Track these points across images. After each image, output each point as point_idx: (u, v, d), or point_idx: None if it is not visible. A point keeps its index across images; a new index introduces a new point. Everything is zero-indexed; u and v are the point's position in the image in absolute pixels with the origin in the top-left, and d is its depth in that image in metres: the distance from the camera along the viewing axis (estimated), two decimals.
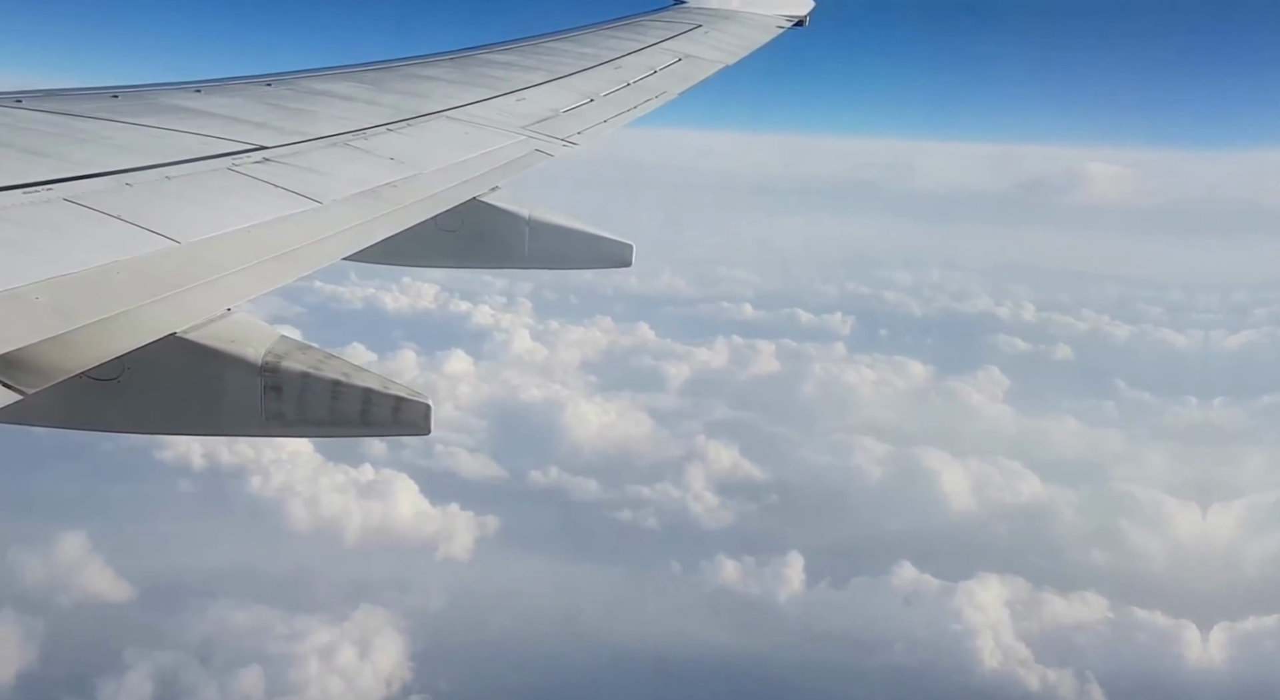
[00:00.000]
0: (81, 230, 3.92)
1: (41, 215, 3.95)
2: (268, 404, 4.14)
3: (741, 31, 13.34)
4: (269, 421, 4.16)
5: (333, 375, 4.20)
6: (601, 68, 10.26)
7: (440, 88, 8.29)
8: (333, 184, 5.34)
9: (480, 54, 10.14)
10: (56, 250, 3.67)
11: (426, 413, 4.24)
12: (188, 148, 5.23)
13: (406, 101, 7.55)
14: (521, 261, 7.13)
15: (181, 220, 4.27)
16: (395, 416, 4.24)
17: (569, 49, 10.89)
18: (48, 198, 4.08)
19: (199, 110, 6.19)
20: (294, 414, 4.18)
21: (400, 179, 5.81)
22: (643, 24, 12.82)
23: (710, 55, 11.76)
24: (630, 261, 7.39)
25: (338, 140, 6.16)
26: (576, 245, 7.30)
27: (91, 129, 5.28)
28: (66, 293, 3.41)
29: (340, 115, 6.78)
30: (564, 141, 7.73)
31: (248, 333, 4.15)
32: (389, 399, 4.23)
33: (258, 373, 4.09)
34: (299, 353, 4.21)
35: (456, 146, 6.87)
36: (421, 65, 9.22)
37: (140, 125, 5.54)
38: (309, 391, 4.17)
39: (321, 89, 7.51)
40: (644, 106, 9.45)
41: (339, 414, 4.21)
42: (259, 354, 4.10)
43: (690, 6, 14.12)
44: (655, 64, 10.77)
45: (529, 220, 7.03)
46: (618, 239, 7.37)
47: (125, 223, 4.07)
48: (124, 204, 4.25)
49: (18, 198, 4.01)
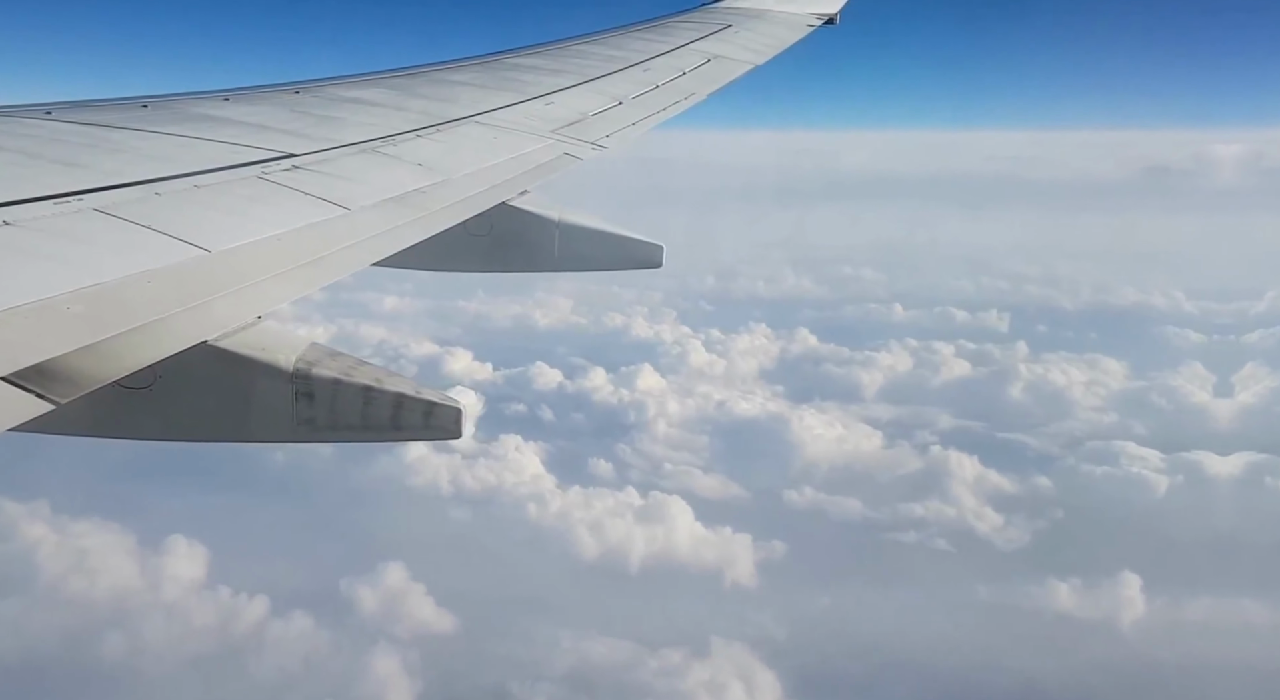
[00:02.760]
0: (112, 240, 3.94)
1: (72, 226, 3.97)
2: (299, 410, 4.15)
3: (771, 30, 13.27)
4: (300, 427, 4.17)
5: (364, 381, 4.20)
6: (630, 70, 10.22)
7: (468, 92, 8.29)
8: (361, 190, 5.34)
9: (508, 58, 10.14)
10: (88, 260, 3.69)
11: (458, 417, 4.24)
12: (216, 156, 5.25)
13: (434, 107, 7.55)
14: (551, 264, 7.13)
15: (211, 229, 4.28)
16: (427, 421, 4.24)
17: (597, 52, 10.87)
18: (78, 208, 4.10)
19: (227, 119, 6.22)
20: (325, 420, 4.19)
21: (429, 184, 5.80)
22: (672, 25, 12.78)
23: (740, 55, 11.70)
24: (661, 262, 7.36)
25: (366, 147, 6.16)
26: (606, 247, 7.29)
27: (121, 139, 5.30)
28: (98, 302, 3.42)
29: (368, 122, 6.79)
30: (593, 145, 7.70)
31: (278, 340, 4.16)
32: (421, 404, 4.22)
33: (289, 379, 4.10)
34: (330, 359, 4.22)
35: (485, 151, 6.86)
36: (449, 70, 9.22)
37: (169, 135, 5.57)
38: (340, 397, 4.17)
39: (349, 96, 7.53)
40: (673, 108, 9.40)
41: (370, 419, 4.21)
42: (290, 361, 4.11)
43: (719, 6, 14.07)
44: (684, 65, 10.72)
45: (559, 223, 7.02)
46: (648, 240, 7.34)
47: (155, 232, 4.08)
48: (154, 213, 4.26)
49: (49, 208, 4.03)
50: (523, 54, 10.43)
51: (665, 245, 7.36)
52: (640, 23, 12.81)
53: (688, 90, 9.92)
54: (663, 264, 7.35)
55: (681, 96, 9.71)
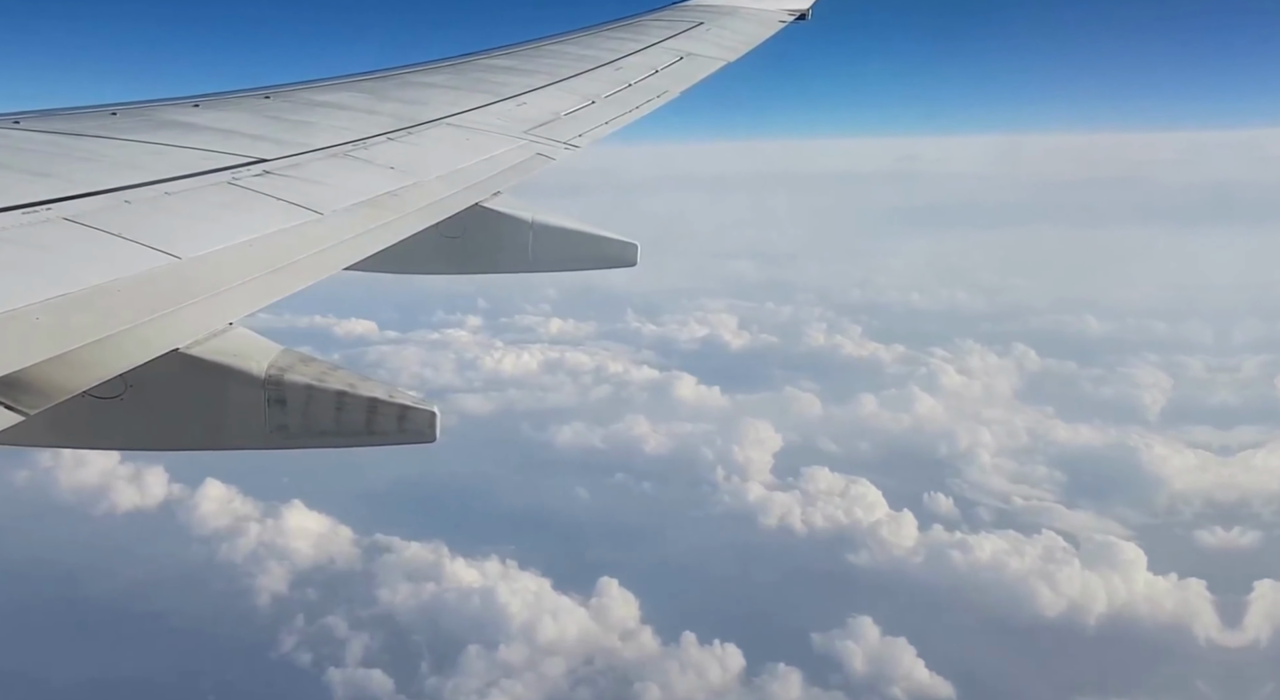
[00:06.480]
0: (81, 249, 3.92)
1: (41, 235, 3.95)
2: (272, 417, 4.14)
3: (743, 27, 13.29)
4: (273, 434, 4.17)
5: (337, 386, 4.20)
6: (602, 69, 10.23)
7: (439, 95, 8.28)
8: (333, 194, 5.33)
9: (479, 59, 10.13)
10: (56, 270, 3.67)
11: (432, 420, 4.24)
12: (187, 163, 5.23)
13: (406, 110, 7.54)
14: (526, 265, 7.12)
15: (182, 236, 4.27)
16: (401, 425, 4.24)
17: (569, 51, 10.86)
18: (47, 217, 4.08)
19: (197, 125, 6.20)
20: (299, 426, 4.18)
21: (401, 187, 5.79)
22: (643, 23, 12.78)
23: (712, 53, 11.72)
24: (635, 261, 7.36)
25: (337, 151, 6.15)
26: (580, 247, 7.28)
27: (90, 147, 5.28)
28: (67, 312, 3.40)
29: (339, 125, 6.78)
30: (566, 145, 7.71)
31: (250, 346, 4.16)
32: (394, 408, 4.22)
33: (261, 386, 4.09)
34: (302, 365, 4.21)
35: (457, 153, 6.85)
36: (420, 73, 9.21)
37: (139, 142, 5.54)
38: (314, 403, 4.17)
39: (320, 100, 7.51)
40: (646, 107, 9.41)
41: (344, 424, 4.21)
42: (262, 367, 4.11)
43: (690, 4, 14.08)
44: (656, 64, 10.73)
45: (532, 224, 7.02)
46: (622, 239, 7.34)
47: (125, 240, 4.06)
48: (124, 221, 4.24)
49: (17, 218, 4.01)
50: (494, 55, 10.42)
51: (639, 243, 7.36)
52: (611, 22, 12.81)
53: (660, 88, 9.93)
54: (637, 262, 7.36)
55: (654, 95, 9.71)
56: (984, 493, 72.95)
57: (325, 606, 58.01)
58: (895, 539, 65.65)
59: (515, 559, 62.30)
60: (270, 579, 61.16)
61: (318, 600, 58.98)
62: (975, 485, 73.90)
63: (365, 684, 52.05)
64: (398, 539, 64.51)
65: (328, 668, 53.18)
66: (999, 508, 70.59)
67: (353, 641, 55.03)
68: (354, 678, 52.53)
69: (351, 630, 56.02)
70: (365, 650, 54.35)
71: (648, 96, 9.61)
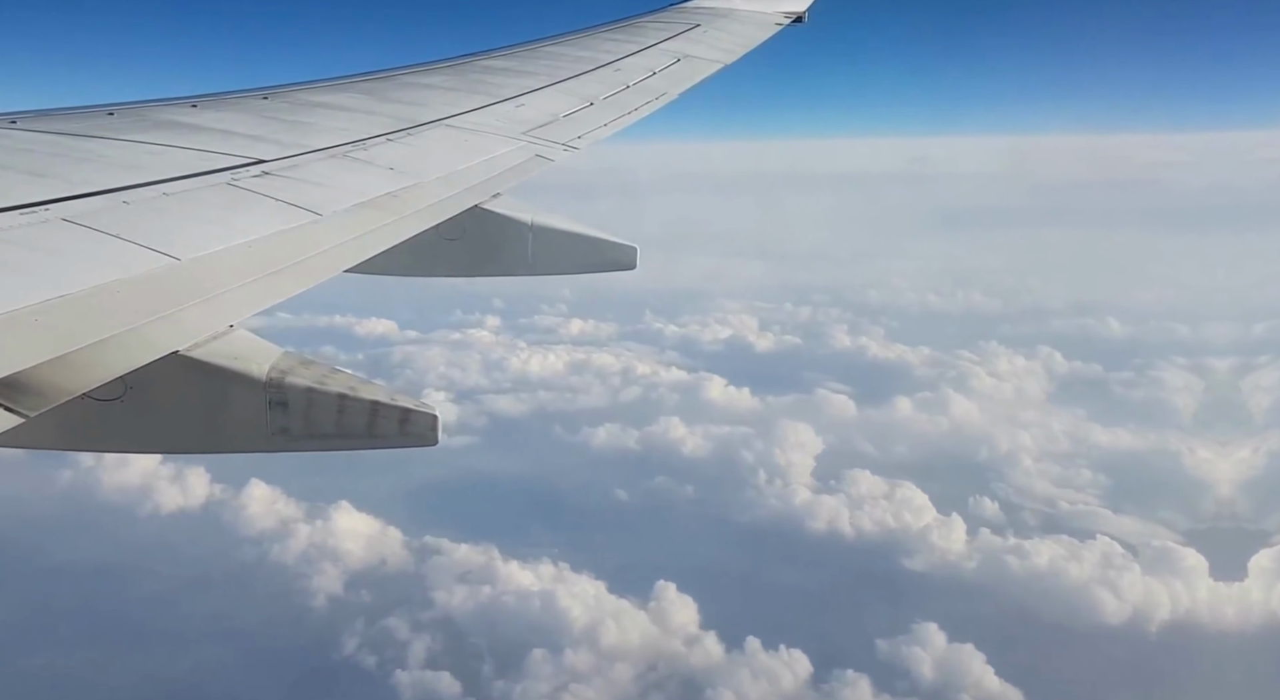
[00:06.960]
0: (80, 250, 3.88)
1: (39, 236, 3.91)
2: (273, 419, 4.11)
3: (740, 29, 13.27)
4: (274, 437, 4.13)
5: (338, 389, 4.17)
6: (600, 71, 10.21)
7: (439, 96, 8.25)
8: (332, 196, 5.30)
9: (478, 60, 10.11)
10: (55, 271, 3.64)
11: (434, 423, 4.21)
12: (185, 164, 5.20)
13: (405, 111, 7.51)
14: (525, 268, 7.09)
15: (181, 237, 4.23)
16: (402, 428, 4.21)
17: (567, 53, 10.84)
18: (45, 218, 4.05)
19: (196, 125, 6.16)
20: (300, 429, 4.15)
21: (400, 189, 5.76)
22: (641, 25, 12.77)
23: (709, 55, 11.71)
24: (634, 264, 7.33)
25: (336, 152, 6.12)
26: (579, 249, 7.26)
27: (88, 148, 5.24)
28: (66, 313, 3.37)
29: (338, 126, 6.74)
30: (564, 146, 7.68)
31: (251, 349, 4.12)
32: (396, 410, 4.19)
33: (262, 388, 4.06)
34: (303, 368, 4.18)
35: (456, 154, 6.82)
36: (419, 74, 9.18)
37: (137, 142, 5.51)
38: (315, 406, 4.14)
39: (319, 101, 7.48)
40: (644, 108, 9.40)
41: (345, 427, 4.18)
42: (263, 370, 4.08)
43: (688, 6, 14.06)
44: (654, 65, 10.71)
45: (531, 226, 6.99)
46: (621, 242, 7.32)
47: (124, 241, 4.03)
48: (122, 222, 4.21)
49: (15, 219, 3.97)
50: (493, 56, 10.40)
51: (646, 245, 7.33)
52: (610, 23, 12.80)
53: (659, 90, 9.91)
54: (636, 266, 7.33)
55: (653, 96, 9.70)
56: (1029, 497, 72.77)
57: (383, 609, 58.02)
58: (947, 544, 65.61)
59: (566, 561, 62.30)
60: (325, 580, 61.23)
61: (374, 602, 59.01)
62: (1019, 489, 73.73)
63: (434, 686, 52.06)
64: (446, 541, 64.56)
65: (394, 670, 53.11)
66: (1045, 512, 70.47)
67: (414, 644, 55.04)
68: (422, 680, 52.50)
69: (412, 632, 56.03)
70: (428, 653, 54.39)
71: (646, 98, 9.59)
